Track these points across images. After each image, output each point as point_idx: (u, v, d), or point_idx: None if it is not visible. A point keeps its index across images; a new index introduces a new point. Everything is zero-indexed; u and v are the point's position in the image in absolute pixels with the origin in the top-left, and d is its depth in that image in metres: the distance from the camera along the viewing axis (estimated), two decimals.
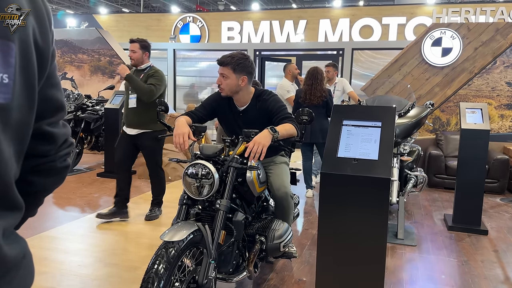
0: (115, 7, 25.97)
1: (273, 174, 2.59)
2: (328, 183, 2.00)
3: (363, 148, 1.88)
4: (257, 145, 2.09)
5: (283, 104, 2.55)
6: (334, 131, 1.97)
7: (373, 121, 1.96)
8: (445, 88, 6.92)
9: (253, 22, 13.69)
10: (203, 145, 2.20)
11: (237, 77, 2.47)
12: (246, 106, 2.60)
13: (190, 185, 2.10)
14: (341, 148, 1.91)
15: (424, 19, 12.07)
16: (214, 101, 2.68)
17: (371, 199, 1.86)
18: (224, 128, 2.75)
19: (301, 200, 5.07)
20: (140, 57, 4.12)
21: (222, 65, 2.47)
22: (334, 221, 2.03)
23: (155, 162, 4.22)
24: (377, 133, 1.93)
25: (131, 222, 4.21)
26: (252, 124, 2.55)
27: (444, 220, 4.51)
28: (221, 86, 2.47)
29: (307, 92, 4.88)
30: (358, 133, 1.94)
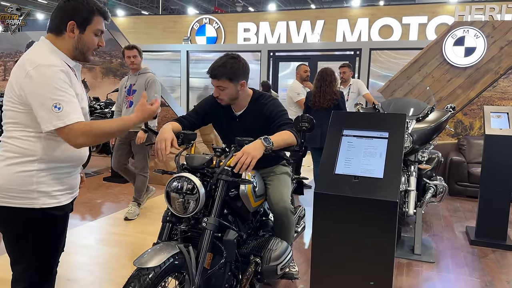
0: (134, 9, 26.17)
1: (272, 186, 2.35)
2: (322, 205, 1.70)
3: (366, 163, 1.58)
4: (246, 156, 1.85)
5: (283, 109, 2.30)
6: (331, 143, 1.67)
7: (378, 130, 1.66)
8: (468, 90, 6.52)
9: (270, 23, 13.47)
10: (189, 155, 1.98)
11: (235, 84, 2.24)
12: (243, 110, 2.37)
13: (174, 200, 1.87)
14: (340, 163, 1.62)
15: (447, 18, 11.59)
16: (208, 105, 2.44)
17: (374, 225, 1.55)
18: (219, 135, 2.52)
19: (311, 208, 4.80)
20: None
21: (216, 78, 2.21)
22: (330, 251, 1.74)
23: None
24: (383, 146, 1.63)
25: (133, 233, 4.03)
26: (249, 131, 2.31)
27: (466, 233, 4.17)
28: (220, 97, 2.25)
29: (316, 95, 4.61)
30: (360, 146, 1.64)
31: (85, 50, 1.68)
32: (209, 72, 2.22)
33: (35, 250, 1.63)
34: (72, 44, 1.64)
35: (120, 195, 5.20)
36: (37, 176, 1.57)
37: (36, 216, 1.59)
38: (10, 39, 9.53)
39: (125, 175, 4.63)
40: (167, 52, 11.85)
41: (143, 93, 1.82)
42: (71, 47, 1.64)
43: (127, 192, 5.30)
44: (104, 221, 4.26)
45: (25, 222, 1.59)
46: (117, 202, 4.91)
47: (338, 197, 1.56)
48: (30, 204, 1.57)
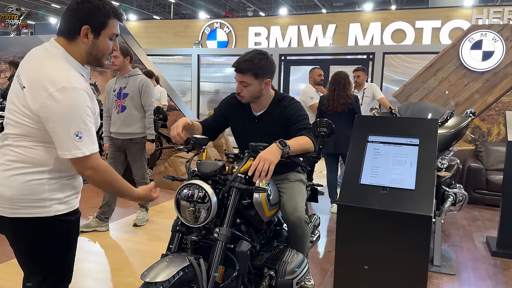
0: (146, 14, 26.35)
1: (286, 194, 2.23)
2: (347, 218, 1.56)
3: (395, 173, 1.45)
4: (263, 162, 1.75)
5: (304, 113, 2.20)
6: (356, 150, 1.53)
7: (408, 137, 1.52)
8: (486, 95, 6.34)
9: (281, 27, 13.39)
10: (200, 161, 1.87)
11: (260, 82, 2.16)
12: (263, 111, 2.27)
13: (184, 209, 1.77)
14: (366, 172, 1.49)
15: (461, 23, 11.40)
16: (225, 106, 2.37)
17: (405, 241, 1.41)
18: (235, 137, 2.42)
19: (325, 216, 4.66)
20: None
21: (241, 72, 2.13)
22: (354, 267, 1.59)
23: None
24: (413, 154, 1.49)
25: (142, 239, 3.94)
26: (267, 134, 2.22)
27: (487, 244, 4.00)
28: (242, 94, 2.17)
29: (329, 99, 4.50)
30: (388, 153, 1.51)
31: (99, 56, 1.59)
32: (234, 66, 2.15)
33: (52, 261, 1.57)
34: (86, 50, 1.55)
35: (129, 200, 5.12)
36: (48, 183, 1.50)
37: (50, 224, 1.52)
38: (23, 43, 9.58)
39: None
40: (178, 56, 11.82)
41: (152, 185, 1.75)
42: (84, 53, 1.55)
43: None
44: (112, 226, 4.18)
45: (40, 232, 1.52)
46: (126, 207, 4.83)
47: (365, 210, 1.43)
48: (43, 213, 1.50)
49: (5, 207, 1.48)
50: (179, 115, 8.27)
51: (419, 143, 1.53)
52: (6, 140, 1.51)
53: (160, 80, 7.31)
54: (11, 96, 1.52)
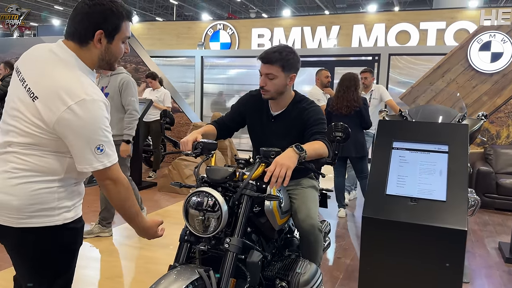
0: (149, 16, 26.34)
1: (298, 201, 2.14)
2: (372, 232, 1.44)
3: (423, 182, 1.34)
4: (280, 168, 1.66)
5: (322, 117, 2.12)
6: (379, 157, 1.42)
7: (436, 143, 1.41)
8: (495, 97, 6.24)
9: (284, 28, 13.32)
10: (210, 167, 1.78)
11: (286, 76, 2.10)
12: (281, 111, 2.20)
13: (193, 218, 1.68)
14: (391, 182, 1.38)
15: (466, 24, 11.31)
16: (242, 104, 2.31)
17: (437, 256, 1.30)
18: (251, 137, 2.34)
19: (332, 221, 4.56)
20: None
21: (268, 63, 2.07)
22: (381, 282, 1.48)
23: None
24: (442, 161, 1.38)
25: (146, 245, 3.84)
26: (283, 135, 2.15)
27: (499, 250, 3.89)
28: (266, 88, 2.09)
29: (335, 100, 4.46)
30: (415, 161, 1.40)
31: (112, 61, 1.52)
32: (261, 57, 2.08)
33: (57, 270, 1.50)
34: (98, 55, 1.46)
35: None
36: (58, 192, 1.44)
37: (58, 233, 1.45)
38: (25, 44, 9.52)
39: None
40: (181, 57, 11.76)
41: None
42: (96, 58, 1.47)
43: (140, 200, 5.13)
44: (116, 231, 4.09)
45: (47, 242, 1.45)
46: None
47: (392, 223, 1.31)
48: (52, 221, 1.42)
49: (11, 217, 1.40)
50: (183, 117, 8.19)
51: (449, 150, 1.41)
52: (10, 147, 1.42)
53: (164, 82, 7.23)
54: (15, 101, 1.42)
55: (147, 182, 6.06)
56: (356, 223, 4.64)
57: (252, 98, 2.29)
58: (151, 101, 5.96)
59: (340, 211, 4.77)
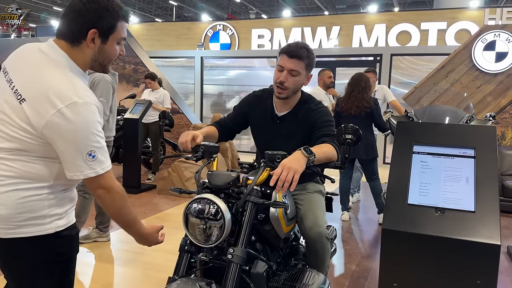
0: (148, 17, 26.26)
1: (304, 207, 2.03)
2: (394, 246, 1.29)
3: (449, 190, 1.22)
4: (286, 171, 1.56)
5: (330, 119, 2.01)
6: (399, 162, 1.28)
7: (461, 147, 1.28)
8: (499, 98, 6.15)
9: (284, 29, 13.24)
10: (212, 172, 1.68)
11: (306, 75, 2.02)
12: (287, 112, 2.09)
13: (194, 227, 1.57)
14: (413, 190, 1.25)
15: (468, 24, 11.25)
16: (247, 104, 2.20)
17: (468, 272, 1.17)
18: (255, 139, 2.24)
19: (336, 224, 4.46)
20: None
21: (296, 58, 1.94)
22: None
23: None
24: (469, 167, 1.26)
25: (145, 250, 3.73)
26: (289, 137, 2.05)
27: (508, 254, 3.79)
28: (286, 84, 1.95)
29: (344, 100, 4.36)
30: (438, 166, 1.28)
31: (105, 63, 1.42)
32: (287, 50, 1.95)
33: (53, 282, 1.40)
34: (91, 56, 1.37)
35: None
36: (48, 199, 1.34)
37: (51, 242, 1.36)
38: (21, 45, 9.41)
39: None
40: (181, 58, 11.67)
41: None
42: (89, 59, 1.37)
43: (139, 204, 5.03)
44: (114, 236, 3.98)
45: (40, 252, 1.34)
46: None
47: (415, 236, 1.17)
48: (43, 230, 1.33)
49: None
50: (182, 118, 8.09)
51: (475, 155, 1.29)
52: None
53: (163, 82, 7.13)
54: (1, 104, 1.31)
55: (146, 185, 5.95)
56: (360, 226, 4.53)
57: (256, 98, 2.19)
58: (150, 102, 5.85)
59: (343, 214, 4.67)
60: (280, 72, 1.97)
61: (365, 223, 4.64)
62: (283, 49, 1.98)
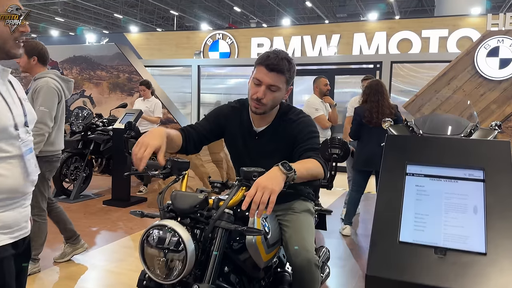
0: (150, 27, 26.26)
1: (290, 229, 1.79)
2: None
3: (452, 224, 0.90)
4: (261, 191, 1.33)
5: (314, 130, 1.78)
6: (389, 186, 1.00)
7: (466, 167, 1.03)
8: (504, 105, 5.92)
9: (284, 37, 13.10)
10: (176, 193, 1.45)
11: (286, 89, 1.77)
12: (266, 126, 1.85)
13: (153, 259, 1.34)
14: (407, 223, 0.98)
15: (469, 31, 11.10)
16: (222, 114, 1.92)
17: None
18: (232, 157, 1.99)
19: (334, 240, 4.20)
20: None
21: (277, 72, 1.68)
22: None
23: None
24: (477, 193, 1.01)
25: (126, 270, 3.49)
26: (270, 154, 1.80)
27: None
28: (264, 101, 1.70)
29: (373, 110, 4.05)
30: (438, 192, 1.00)
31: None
32: (267, 63, 1.67)
33: None
34: None
35: (119, 222, 4.69)
36: None
37: None
38: None
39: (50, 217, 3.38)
40: (178, 67, 11.52)
41: None
42: None
43: (126, 218, 4.80)
44: (95, 254, 3.74)
45: None
46: (114, 231, 4.40)
47: (409, 285, 0.90)
48: None
49: None
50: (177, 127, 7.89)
51: (485, 177, 1.01)
52: None
53: (156, 91, 6.93)
54: None
55: (136, 198, 5.71)
56: (359, 242, 4.27)
57: (233, 110, 1.92)
58: (141, 112, 5.64)
59: (345, 229, 4.39)
60: (257, 87, 1.71)
61: (365, 238, 4.38)
62: (261, 60, 1.71)
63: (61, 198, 5.57)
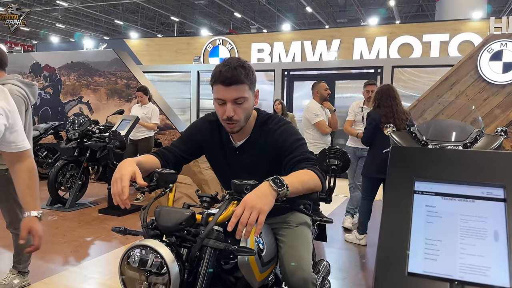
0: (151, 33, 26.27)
1: (285, 245, 1.67)
2: None
3: (469, 252, 0.74)
4: (249, 211, 1.20)
5: (299, 137, 1.64)
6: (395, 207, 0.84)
7: (484, 184, 0.89)
8: (508, 110, 5.79)
9: (284, 43, 13.03)
10: (161, 209, 1.33)
11: (252, 94, 1.62)
12: (244, 140, 1.71)
13: (134, 282, 1.23)
14: (416, 251, 0.84)
15: (471, 36, 11.02)
16: (197, 131, 1.77)
17: None
18: (216, 174, 1.86)
19: (335, 249, 4.07)
20: None
21: (236, 83, 1.52)
22: None
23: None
24: (498, 215, 0.87)
25: None
26: (253, 169, 1.67)
27: None
28: (235, 118, 1.56)
29: (388, 116, 3.93)
30: (452, 214, 0.87)
31: None
32: (220, 79, 1.52)
33: None
34: None
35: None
36: None
37: None
38: (13, 60, 9.20)
39: None
40: (177, 73, 11.45)
41: None
42: None
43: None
44: (88, 266, 3.63)
45: None
46: (109, 241, 4.28)
47: None
48: None
49: None
50: (175, 134, 7.77)
51: (506, 196, 0.87)
52: None
53: (155, 97, 6.84)
54: None
55: (133, 206, 5.55)
56: (361, 252, 4.14)
57: (210, 125, 1.76)
58: (137, 118, 5.54)
59: (362, 239, 4.20)
60: (222, 106, 1.56)
61: (368, 247, 4.24)
62: (215, 79, 1.55)
63: (57, 207, 5.46)
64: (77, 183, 5.57)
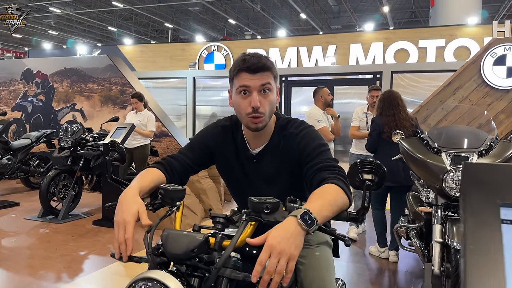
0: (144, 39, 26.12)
1: (305, 267, 1.50)
2: None
3: None
4: (277, 257, 1.01)
5: (322, 142, 1.46)
6: (477, 240, 0.67)
7: None
8: None
9: (280, 49, 12.95)
10: (169, 233, 1.15)
11: (276, 89, 1.48)
12: (263, 146, 1.52)
13: None
14: None
15: (467, 41, 11.03)
16: (209, 136, 1.58)
17: None
18: (228, 185, 1.67)
19: (346, 263, 3.90)
20: None
21: (261, 71, 1.39)
22: None
23: None
24: None
25: None
26: (273, 179, 1.50)
27: None
28: (261, 110, 1.40)
29: (391, 125, 3.77)
30: None
31: None
32: (246, 66, 1.37)
33: None
34: None
35: (109, 244, 4.36)
36: None
37: None
38: (5, 67, 8.98)
39: None
40: (173, 79, 11.28)
41: None
42: None
43: None
44: (81, 283, 3.41)
45: None
46: (103, 255, 4.06)
47: None
48: None
49: None
50: (172, 141, 7.58)
51: None
52: None
53: (150, 103, 6.65)
54: None
55: None
56: (368, 264, 3.97)
57: (223, 130, 1.58)
58: (133, 126, 5.36)
59: (392, 255, 3.96)
60: (246, 97, 1.40)
61: (375, 259, 4.07)
62: (238, 67, 1.40)
63: (49, 218, 5.24)
64: (70, 194, 5.36)
